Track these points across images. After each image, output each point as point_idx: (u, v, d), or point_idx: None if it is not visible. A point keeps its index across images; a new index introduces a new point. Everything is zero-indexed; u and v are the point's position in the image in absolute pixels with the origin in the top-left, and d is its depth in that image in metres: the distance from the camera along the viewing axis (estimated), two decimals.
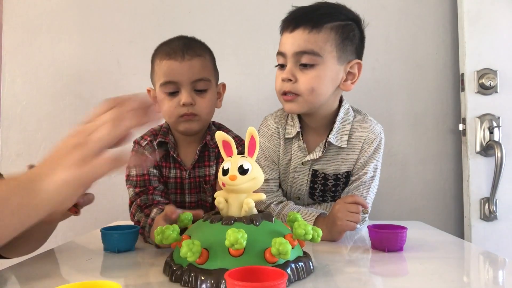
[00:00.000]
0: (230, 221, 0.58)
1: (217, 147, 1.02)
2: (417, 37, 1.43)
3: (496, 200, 1.30)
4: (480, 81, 1.32)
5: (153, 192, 0.94)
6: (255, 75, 1.44)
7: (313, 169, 0.96)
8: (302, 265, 0.58)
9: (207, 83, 0.96)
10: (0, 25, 1.46)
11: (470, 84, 1.33)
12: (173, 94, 0.95)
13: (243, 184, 0.60)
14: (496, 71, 1.32)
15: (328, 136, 0.92)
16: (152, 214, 0.86)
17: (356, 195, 0.91)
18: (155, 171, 0.97)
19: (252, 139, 0.62)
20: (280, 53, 0.91)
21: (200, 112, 0.95)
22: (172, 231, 0.58)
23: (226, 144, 0.65)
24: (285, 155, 0.98)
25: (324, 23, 0.86)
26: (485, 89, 1.33)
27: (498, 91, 1.32)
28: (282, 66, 0.91)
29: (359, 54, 0.93)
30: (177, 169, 1.01)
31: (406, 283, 0.57)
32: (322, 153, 0.93)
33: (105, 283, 0.45)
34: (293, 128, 0.96)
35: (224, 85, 1.07)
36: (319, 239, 0.59)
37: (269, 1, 1.42)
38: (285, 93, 0.89)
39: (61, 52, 1.45)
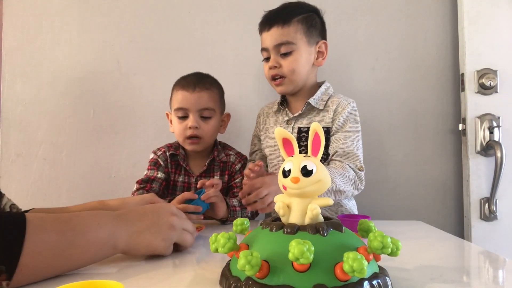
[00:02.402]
0: (293, 229, 0.51)
1: (222, 162, 1.20)
2: (417, 37, 1.43)
3: (496, 200, 1.30)
4: (480, 81, 1.32)
5: (149, 190, 1.13)
6: (255, 75, 1.44)
7: (298, 128, 1.15)
8: (379, 282, 0.50)
9: (212, 112, 1.16)
10: (0, 25, 1.46)
11: (470, 84, 1.33)
12: (183, 118, 1.15)
13: (307, 187, 0.52)
14: (496, 71, 1.32)
15: (308, 99, 1.13)
16: None
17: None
18: (161, 176, 1.18)
19: (317, 136, 0.55)
20: (263, 49, 1.14)
21: (203, 135, 1.15)
22: (228, 239, 0.53)
23: (286, 141, 0.58)
24: (274, 125, 1.20)
25: (291, 18, 1.09)
26: (485, 89, 1.33)
27: (498, 91, 1.32)
28: (267, 59, 1.13)
29: (323, 36, 1.16)
30: (185, 176, 1.21)
31: (405, 282, 0.57)
32: (302, 111, 1.13)
33: (106, 283, 0.45)
34: (275, 104, 1.22)
35: (228, 115, 1.26)
36: (399, 252, 0.50)
37: (268, 1, 1.42)
38: (273, 79, 1.13)
39: (61, 52, 1.45)
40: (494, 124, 1.31)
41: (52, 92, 1.45)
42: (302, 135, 1.14)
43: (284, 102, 1.20)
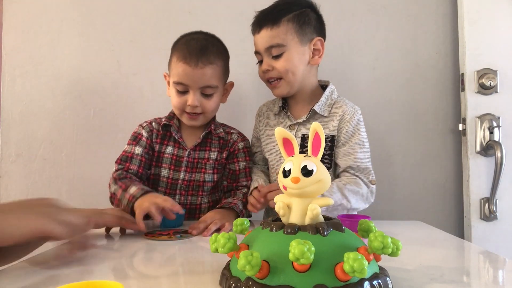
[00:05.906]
0: (294, 230, 0.51)
1: (220, 138, 1.14)
2: (417, 37, 1.43)
3: (496, 200, 1.30)
4: (480, 81, 1.32)
5: (127, 170, 1.06)
6: (255, 75, 1.44)
7: (302, 134, 1.11)
8: (379, 283, 0.49)
9: (214, 89, 1.08)
10: (0, 25, 1.46)
11: (470, 84, 1.33)
12: (183, 93, 1.07)
13: (307, 187, 0.52)
14: (496, 71, 1.32)
15: (313, 106, 1.09)
16: (131, 191, 0.96)
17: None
18: (139, 151, 1.09)
19: (317, 135, 0.55)
20: (256, 52, 1.12)
21: (204, 111, 1.09)
22: (228, 239, 0.53)
23: (286, 141, 0.58)
24: (273, 126, 1.14)
25: (281, 18, 1.04)
26: (485, 89, 1.33)
27: (498, 91, 1.32)
28: (260, 62, 1.11)
29: (319, 32, 1.10)
30: (175, 148, 1.13)
31: (405, 282, 0.57)
32: (306, 118, 1.09)
33: (105, 283, 0.45)
34: (275, 106, 1.17)
35: (231, 84, 1.18)
36: (399, 252, 0.50)
37: (268, 2, 1.42)
38: (269, 81, 1.10)
39: (61, 52, 1.45)
40: (494, 124, 1.31)
41: (52, 92, 1.45)
42: (306, 142, 1.10)
43: (285, 105, 1.16)
